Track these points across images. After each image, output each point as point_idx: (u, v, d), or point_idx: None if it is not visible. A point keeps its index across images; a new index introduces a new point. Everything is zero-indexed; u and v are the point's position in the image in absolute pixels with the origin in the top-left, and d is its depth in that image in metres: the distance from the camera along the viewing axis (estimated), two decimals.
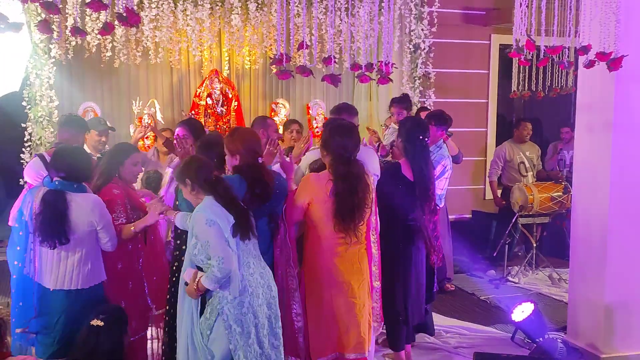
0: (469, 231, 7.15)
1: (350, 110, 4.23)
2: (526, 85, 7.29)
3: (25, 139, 6.09)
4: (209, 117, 6.92)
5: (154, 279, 3.83)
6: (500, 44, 8.07)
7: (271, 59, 6.86)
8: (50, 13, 2.89)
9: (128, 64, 6.67)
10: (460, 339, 4.96)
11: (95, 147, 4.73)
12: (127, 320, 3.42)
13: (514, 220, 6.58)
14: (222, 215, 3.07)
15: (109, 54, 6.42)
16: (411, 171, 4.00)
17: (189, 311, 3.19)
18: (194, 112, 6.89)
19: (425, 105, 7.07)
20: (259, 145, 3.58)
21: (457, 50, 7.87)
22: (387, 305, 3.92)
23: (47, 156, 3.75)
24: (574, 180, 4.80)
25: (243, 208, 3.20)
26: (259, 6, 6.49)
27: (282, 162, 3.73)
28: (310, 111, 7.40)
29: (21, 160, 5.88)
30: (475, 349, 4.66)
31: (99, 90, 6.87)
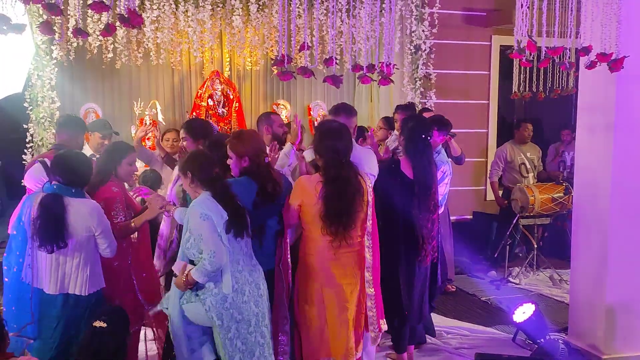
0: (469, 232, 7.14)
1: (348, 110, 4.19)
2: (527, 86, 7.30)
3: (27, 140, 6.10)
4: (210, 119, 6.93)
5: (143, 275, 3.86)
6: (501, 45, 8.07)
7: (272, 60, 6.86)
8: (52, 14, 2.89)
9: (129, 65, 6.68)
10: (461, 340, 4.96)
11: (97, 149, 4.75)
12: (129, 321, 3.41)
13: (514, 221, 6.59)
14: (216, 211, 3.14)
15: (111, 55, 6.43)
16: (411, 169, 3.99)
17: (174, 303, 3.27)
18: (195, 114, 6.90)
19: (427, 106, 7.06)
20: (265, 145, 3.67)
21: (458, 52, 7.87)
22: (388, 307, 3.91)
23: (49, 162, 3.76)
24: (575, 181, 4.80)
25: (240, 207, 3.25)
26: (260, 7, 6.50)
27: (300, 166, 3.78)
28: (312, 112, 7.41)
29: (23, 162, 5.88)
30: (476, 350, 4.66)
31: (100, 91, 6.89)
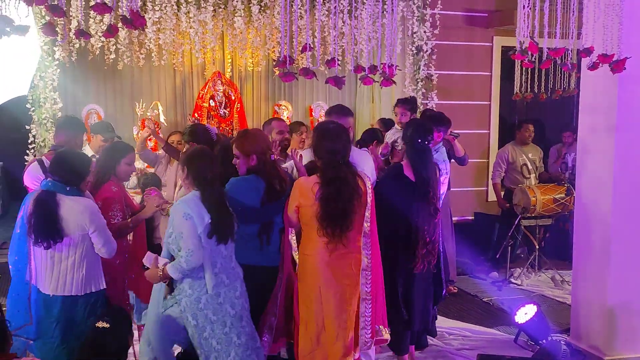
0: (471, 233, 7.13)
1: (340, 111, 4.18)
2: (528, 87, 7.29)
3: (29, 141, 6.12)
4: (212, 119, 6.95)
5: (132, 276, 3.88)
6: (502, 46, 8.08)
7: (274, 61, 6.89)
8: (55, 16, 2.89)
9: (131, 66, 6.70)
10: (463, 341, 4.95)
11: (97, 151, 4.75)
12: (131, 321, 3.42)
13: (516, 222, 6.58)
14: (198, 212, 3.17)
15: (113, 57, 6.45)
16: (412, 172, 4.02)
17: (157, 296, 3.34)
18: (197, 115, 6.91)
19: (428, 107, 7.07)
20: (270, 143, 3.74)
21: (460, 53, 7.88)
22: (390, 309, 3.90)
23: (47, 161, 3.78)
24: (577, 182, 4.80)
25: (227, 212, 3.27)
26: (262, 9, 6.51)
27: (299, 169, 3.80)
28: (313, 113, 7.42)
29: (25, 163, 5.90)
30: (478, 351, 4.65)
31: (102, 92, 6.91)
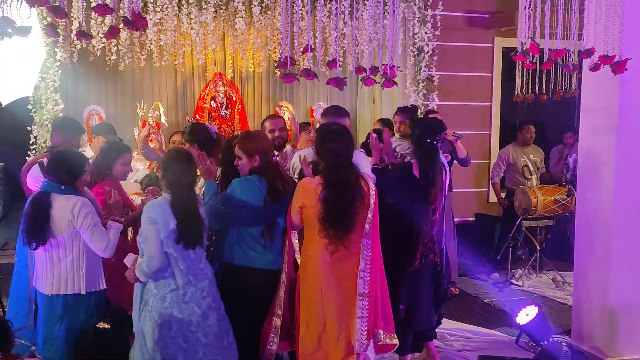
0: (472, 234, 7.14)
1: (336, 112, 4.17)
2: (529, 88, 7.29)
3: (30, 142, 6.12)
4: (213, 120, 6.94)
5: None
6: (503, 47, 8.08)
7: (275, 62, 6.89)
8: (57, 17, 2.90)
9: (132, 67, 6.70)
10: (464, 342, 4.95)
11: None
12: (132, 322, 3.42)
13: (517, 223, 6.58)
14: (164, 218, 3.17)
15: (114, 58, 6.45)
16: (419, 172, 4.03)
17: (135, 296, 3.38)
18: (198, 115, 6.91)
19: (430, 108, 7.07)
20: (271, 144, 3.81)
21: (461, 54, 7.87)
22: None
23: (45, 162, 3.78)
24: (578, 183, 4.80)
25: (196, 219, 3.26)
26: (263, 9, 6.52)
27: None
28: (314, 114, 7.42)
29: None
30: (479, 352, 4.66)
31: (103, 93, 6.90)
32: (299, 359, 3.60)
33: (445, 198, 4.26)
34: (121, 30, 5.91)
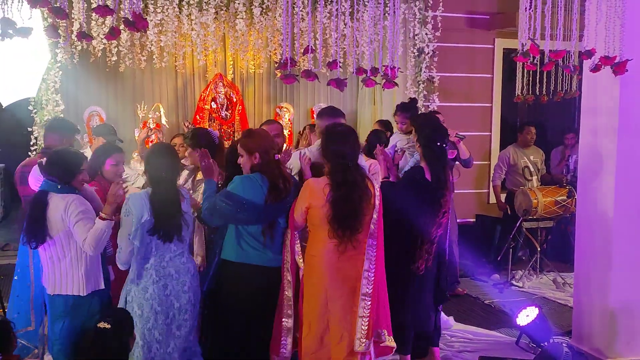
0: (473, 235, 7.13)
1: (332, 112, 4.16)
2: (530, 89, 7.28)
3: (31, 144, 6.13)
4: (214, 121, 6.96)
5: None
6: (504, 48, 8.08)
7: (276, 63, 6.90)
8: (58, 18, 2.91)
9: (133, 68, 6.71)
10: (464, 343, 4.95)
11: None
12: (133, 323, 3.42)
13: (518, 224, 6.58)
14: (139, 210, 3.27)
15: (115, 59, 6.46)
16: (430, 174, 4.03)
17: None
18: (199, 117, 6.92)
19: (432, 109, 7.07)
20: (275, 143, 3.80)
21: (461, 55, 7.88)
22: (392, 310, 3.89)
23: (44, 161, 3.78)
24: (579, 184, 4.80)
25: (175, 213, 3.35)
26: (264, 11, 6.52)
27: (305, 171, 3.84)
28: (315, 115, 7.42)
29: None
30: (479, 353, 4.66)
31: (104, 94, 6.91)
32: (302, 359, 3.61)
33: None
34: (122, 31, 5.96)
